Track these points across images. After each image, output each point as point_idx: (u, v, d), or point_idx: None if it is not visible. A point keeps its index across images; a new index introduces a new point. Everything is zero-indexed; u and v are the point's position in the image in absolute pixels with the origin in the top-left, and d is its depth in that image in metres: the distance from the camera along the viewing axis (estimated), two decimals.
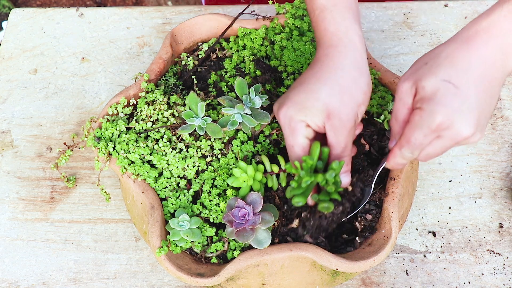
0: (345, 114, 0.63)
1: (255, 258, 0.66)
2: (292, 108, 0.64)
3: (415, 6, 1.10)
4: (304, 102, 0.64)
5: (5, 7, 2.22)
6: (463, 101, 0.58)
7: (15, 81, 1.03)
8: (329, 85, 0.64)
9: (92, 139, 0.76)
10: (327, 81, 0.64)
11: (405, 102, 0.62)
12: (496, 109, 0.98)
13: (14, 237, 0.87)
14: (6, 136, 0.97)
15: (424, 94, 0.59)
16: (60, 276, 0.84)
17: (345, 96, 0.63)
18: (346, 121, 0.63)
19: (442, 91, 0.58)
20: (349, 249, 0.70)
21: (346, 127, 0.63)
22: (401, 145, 0.62)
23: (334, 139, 0.64)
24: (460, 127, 0.58)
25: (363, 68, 0.65)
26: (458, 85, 0.58)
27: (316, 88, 0.64)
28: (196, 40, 0.90)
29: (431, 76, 0.59)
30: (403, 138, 0.61)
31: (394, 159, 0.64)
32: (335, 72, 0.64)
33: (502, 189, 0.90)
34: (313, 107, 0.63)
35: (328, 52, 0.66)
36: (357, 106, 0.64)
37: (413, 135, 0.60)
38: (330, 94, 0.63)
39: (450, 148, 0.61)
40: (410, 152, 0.62)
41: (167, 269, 0.67)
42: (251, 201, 0.69)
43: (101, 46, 1.07)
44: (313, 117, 0.63)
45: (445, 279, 0.82)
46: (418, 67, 0.62)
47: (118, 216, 0.89)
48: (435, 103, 0.58)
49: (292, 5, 0.89)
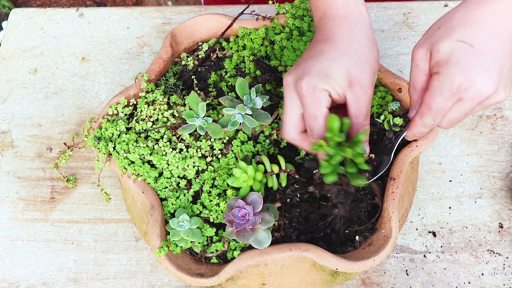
0: (366, 81, 0.63)
1: (255, 258, 0.66)
2: (316, 77, 0.63)
3: (415, 6, 1.10)
4: (327, 70, 0.63)
5: (5, 7, 2.22)
6: (481, 58, 0.57)
7: (15, 81, 1.03)
8: (350, 54, 0.64)
9: (92, 139, 0.76)
10: (347, 50, 0.64)
11: (421, 69, 0.61)
12: (496, 109, 0.98)
13: (14, 237, 0.87)
14: (6, 136, 0.97)
15: (439, 57, 0.59)
16: (60, 276, 0.84)
17: (364, 64, 0.64)
18: (368, 88, 0.63)
19: (458, 51, 0.57)
20: (349, 249, 0.70)
21: (368, 94, 0.63)
22: (422, 113, 0.61)
23: (356, 107, 0.63)
24: (481, 85, 0.57)
25: (373, 38, 0.67)
26: (473, 43, 0.57)
27: (337, 56, 0.64)
28: (196, 40, 0.89)
29: (445, 38, 0.59)
30: (424, 105, 0.61)
31: (416, 128, 0.64)
32: (353, 41, 0.65)
33: (502, 189, 0.90)
34: (336, 75, 0.63)
35: (339, 23, 0.66)
36: (374, 74, 0.65)
37: (433, 101, 0.59)
38: (352, 62, 0.63)
39: (473, 111, 0.60)
40: (431, 120, 0.61)
41: (167, 269, 0.67)
42: (251, 201, 0.69)
43: (101, 46, 1.07)
44: (336, 85, 0.63)
45: (445, 279, 0.82)
46: (431, 32, 0.61)
47: (118, 216, 0.89)
48: (452, 64, 0.57)
49: (292, 5, 0.89)
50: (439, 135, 0.95)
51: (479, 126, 0.96)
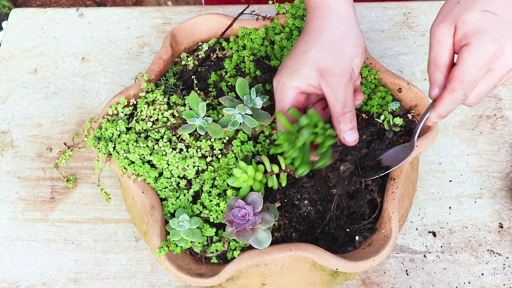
0: (338, 68, 0.63)
1: (255, 258, 0.66)
2: (285, 74, 0.65)
3: (415, 6, 1.10)
4: (295, 65, 0.64)
5: (5, 7, 2.22)
6: (506, 25, 0.58)
7: (15, 81, 1.03)
8: (317, 44, 0.64)
9: (92, 139, 0.76)
10: (315, 41, 0.65)
11: (444, 44, 0.60)
12: (496, 109, 0.98)
13: (14, 237, 0.87)
14: (6, 136, 0.97)
15: (466, 29, 0.59)
16: (60, 276, 0.84)
17: (336, 52, 0.64)
18: (341, 75, 0.63)
19: (485, 21, 0.58)
20: (349, 249, 0.70)
21: (341, 81, 0.63)
22: (453, 88, 0.60)
23: (332, 96, 0.64)
24: (510, 51, 0.57)
25: (349, 22, 0.66)
26: (496, 12, 0.58)
27: (305, 49, 0.65)
28: (196, 40, 0.89)
29: (469, 10, 0.59)
30: (454, 80, 0.59)
31: (444, 106, 0.62)
32: (322, 31, 0.65)
33: (502, 189, 0.90)
34: (304, 68, 0.64)
35: (313, 15, 0.67)
36: (350, 59, 0.64)
37: (466, 73, 0.58)
38: (320, 52, 0.64)
39: (500, 82, 0.60)
40: (463, 94, 0.60)
41: (167, 269, 0.67)
42: (251, 201, 0.69)
43: (101, 46, 1.07)
44: (306, 78, 0.64)
45: (445, 279, 0.82)
46: (449, 8, 0.61)
47: (118, 216, 0.89)
48: (482, 34, 0.57)
49: (292, 5, 0.89)
50: (439, 135, 0.95)
51: (479, 126, 0.96)
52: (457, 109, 0.98)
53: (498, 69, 0.58)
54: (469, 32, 0.58)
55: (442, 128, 0.96)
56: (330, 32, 0.65)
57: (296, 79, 0.64)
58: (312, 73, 0.63)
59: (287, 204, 0.73)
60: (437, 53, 0.61)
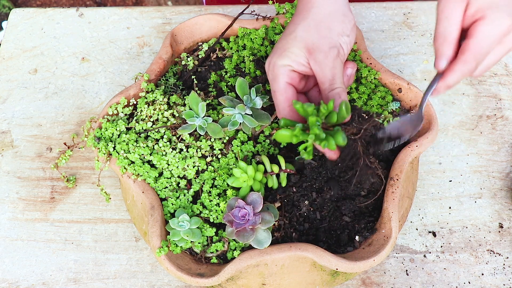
0: (325, 45, 0.64)
1: (255, 258, 0.66)
2: (275, 55, 0.66)
3: (415, 6, 1.10)
4: (284, 46, 0.65)
5: (5, 7, 2.22)
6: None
7: (15, 81, 1.03)
8: (304, 23, 0.65)
9: (92, 139, 0.76)
10: (302, 20, 0.66)
11: (454, 19, 0.61)
12: (496, 109, 0.98)
13: (14, 237, 0.87)
14: (6, 136, 0.97)
15: (480, 3, 0.59)
16: (60, 276, 0.84)
17: (322, 29, 0.64)
18: (328, 51, 0.64)
19: None
20: (349, 249, 0.70)
21: (329, 57, 0.64)
22: (466, 59, 0.61)
23: (320, 73, 0.64)
24: None
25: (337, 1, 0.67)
26: None
27: (292, 29, 0.66)
28: (196, 40, 0.89)
29: None
30: (469, 51, 0.60)
31: (454, 76, 0.63)
32: (309, 11, 0.66)
33: (502, 189, 0.90)
34: (292, 47, 0.64)
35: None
36: (337, 36, 0.65)
37: (481, 45, 0.60)
38: (306, 30, 0.65)
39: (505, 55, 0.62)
40: (475, 64, 0.61)
41: (167, 269, 0.67)
42: (251, 201, 0.69)
43: (101, 46, 1.07)
44: (296, 57, 0.64)
45: (445, 279, 0.82)
46: None
47: (118, 216, 0.89)
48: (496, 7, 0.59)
49: (292, 5, 0.89)
50: (439, 135, 0.95)
51: (479, 126, 0.96)
52: (457, 109, 0.98)
53: (509, 42, 0.60)
54: (484, 6, 0.59)
55: (442, 128, 0.96)
56: (317, 11, 0.66)
57: (286, 58, 0.65)
58: (300, 51, 0.64)
59: (287, 204, 0.73)
60: (446, 28, 0.62)
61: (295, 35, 0.65)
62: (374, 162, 0.69)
